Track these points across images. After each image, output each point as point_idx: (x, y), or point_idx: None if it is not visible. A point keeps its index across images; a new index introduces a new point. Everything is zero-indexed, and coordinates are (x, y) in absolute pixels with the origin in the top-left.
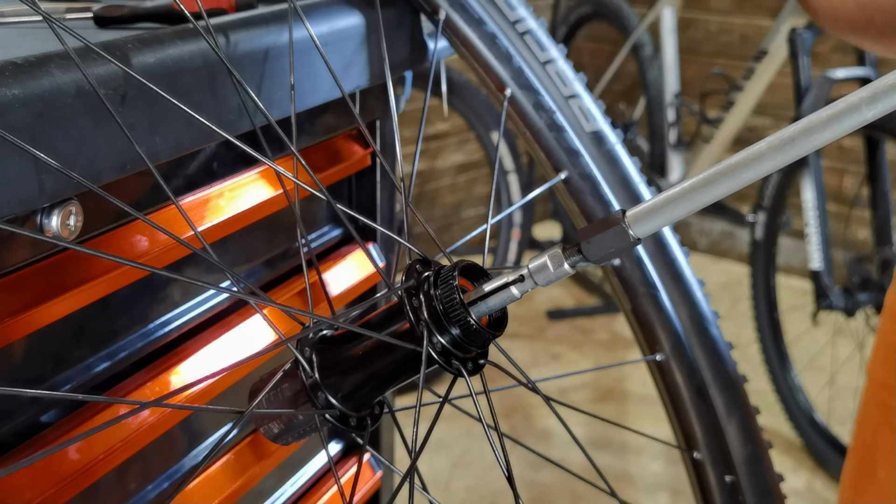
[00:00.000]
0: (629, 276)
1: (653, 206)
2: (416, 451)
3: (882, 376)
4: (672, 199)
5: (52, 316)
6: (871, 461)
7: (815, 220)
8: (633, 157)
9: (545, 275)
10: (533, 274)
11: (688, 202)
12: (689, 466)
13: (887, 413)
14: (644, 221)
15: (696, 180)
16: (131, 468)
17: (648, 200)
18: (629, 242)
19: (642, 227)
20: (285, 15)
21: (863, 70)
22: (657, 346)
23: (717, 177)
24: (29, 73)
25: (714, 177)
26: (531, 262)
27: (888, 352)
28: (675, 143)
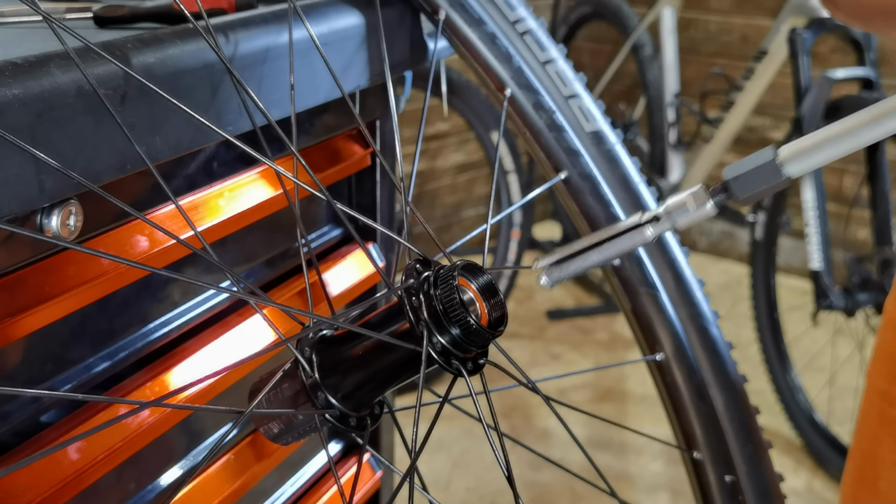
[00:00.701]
0: (629, 276)
1: (810, 144)
2: (416, 451)
3: (881, 386)
4: (831, 138)
5: (52, 316)
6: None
7: (815, 220)
8: (633, 157)
9: (685, 215)
10: (671, 213)
11: (848, 140)
12: (689, 466)
13: (887, 424)
14: (799, 159)
15: (857, 119)
16: (131, 468)
17: (805, 137)
18: (781, 181)
19: (796, 165)
20: (285, 15)
21: (863, 70)
22: (657, 346)
23: (881, 115)
24: (29, 73)
25: (878, 115)
26: (669, 199)
27: (888, 362)
28: (675, 143)
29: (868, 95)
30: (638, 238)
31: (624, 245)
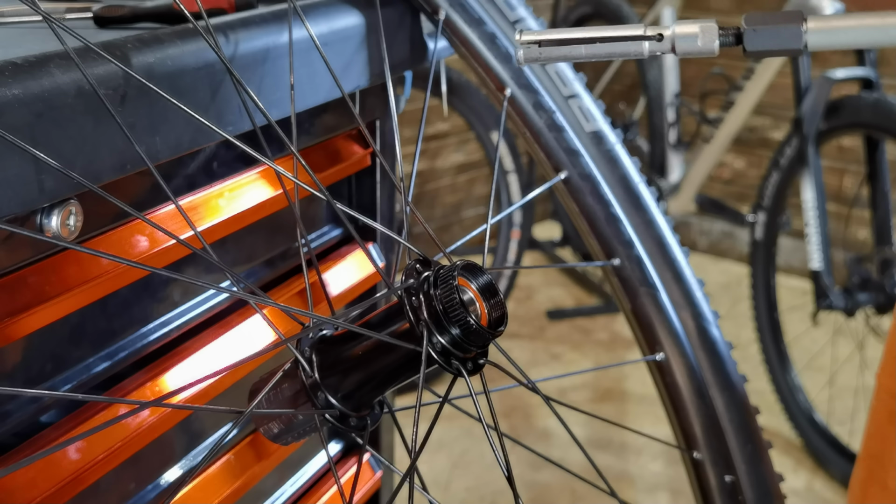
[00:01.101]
0: (629, 276)
1: (840, 22)
2: (416, 451)
3: (892, 387)
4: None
5: (52, 316)
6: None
7: (815, 220)
8: (633, 157)
9: (689, 44)
10: (675, 36)
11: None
12: (689, 466)
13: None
14: (824, 33)
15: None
16: (131, 468)
17: (835, 15)
18: (798, 47)
19: (819, 37)
20: (285, 15)
21: (863, 70)
22: (657, 346)
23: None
24: (29, 73)
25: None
26: (677, 24)
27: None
28: (675, 143)
29: (868, 95)
30: (633, 49)
31: (617, 50)
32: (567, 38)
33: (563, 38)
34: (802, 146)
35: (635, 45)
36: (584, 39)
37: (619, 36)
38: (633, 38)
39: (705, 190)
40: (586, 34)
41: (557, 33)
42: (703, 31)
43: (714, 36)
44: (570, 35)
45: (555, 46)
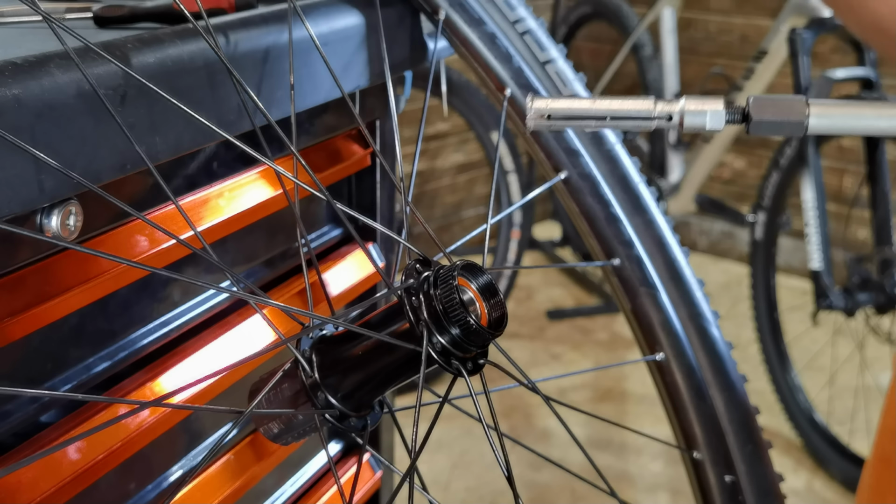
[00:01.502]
0: (629, 276)
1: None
2: (416, 451)
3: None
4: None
5: (52, 316)
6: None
7: (815, 220)
8: (633, 157)
9: (697, 124)
10: (685, 116)
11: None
12: (689, 466)
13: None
14: (824, 118)
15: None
16: (131, 468)
17: (836, 101)
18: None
19: (820, 121)
20: (285, 15)
21: (863, 70)
22: (657, 346)
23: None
24: (29, 73)
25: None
26: (686, 98)
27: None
28: (674, 143)
29: (868, 95)
30: (642, 125)
31: (626, 125)
32: (578, 112)
33: (575, 112)
34: (802, 146)
35: (644, 123)
36: (594, 115)
37: (630, 115)
38: (643, 118)
39: (705, 190)
40: (597, 108)
41: (568, 104)
42: (711, 114)
43: (721, 117)
44: (581, 108)
45: (564, 120)
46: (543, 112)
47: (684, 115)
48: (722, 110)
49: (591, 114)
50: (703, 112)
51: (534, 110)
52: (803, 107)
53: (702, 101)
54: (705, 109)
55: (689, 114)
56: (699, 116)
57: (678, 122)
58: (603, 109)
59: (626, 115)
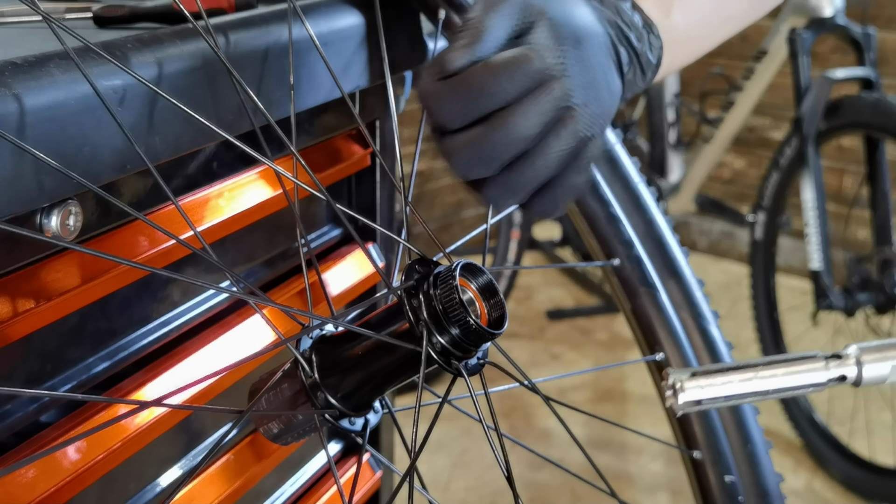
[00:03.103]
0: (629, 276)
1: None
2: (416, 451)
3: None
4: None
5: (52, 316)
6: None
7: (814, 220)
8: (633, 157)
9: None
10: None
11: None
12: (689, 466)
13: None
14: None
15: None
16: (131, 468)
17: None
18: None
19: None
20: (285, 15)
21: (863, 70)
22: (657, 345)
23: None
24: (29, 73)
25: None
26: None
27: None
28: (674, 143)
29: (868, 95)
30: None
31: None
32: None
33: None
34: (802, 146)
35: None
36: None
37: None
38: (813, 387)
39: (705, 190)
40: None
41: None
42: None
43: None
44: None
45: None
46: (697, 397)
47: (863, 374)
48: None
49: (753, 389)
50: (884, 363)
51: (686, 395)
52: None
53: (881, 351)
54: (887, 359)
55: (869, 368)
56: (880, 369)
57: (855, 380)
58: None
59: (794, 387)
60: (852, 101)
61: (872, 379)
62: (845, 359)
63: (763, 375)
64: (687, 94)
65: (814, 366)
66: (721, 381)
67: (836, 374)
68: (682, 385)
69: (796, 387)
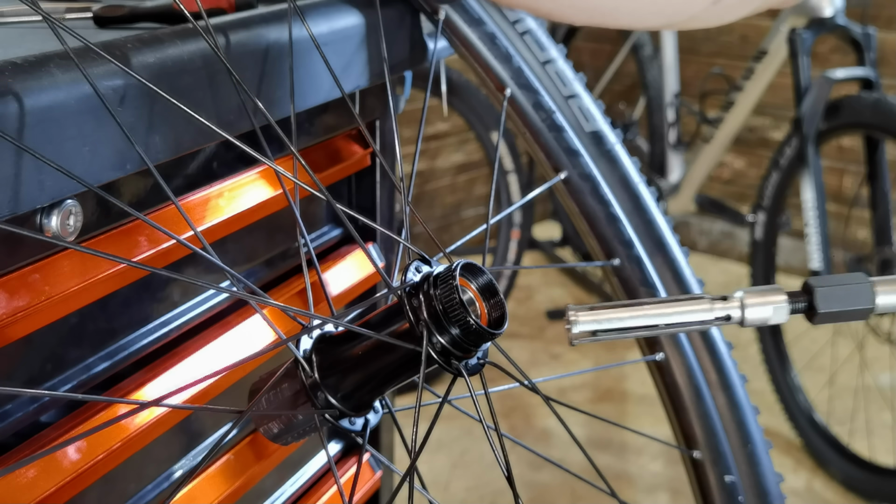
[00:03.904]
0: (629, 276)
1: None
2: (416, 451)
3: None
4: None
5: (52, 316)
6: None
7: (814, 220)
8: (633, 157)
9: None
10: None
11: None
12: (689, 466)
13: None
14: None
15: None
16: (131, 468)
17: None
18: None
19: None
20: (285, 15)
21: (863, 70)
22: (657, 346)
23: None
24: (29, 73)
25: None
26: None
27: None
28: (674, 143)
29: (868, 95)
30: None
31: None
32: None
33: (621, 326)
34: (802, 146)
35: (703, 325)
36: (646, 326)
37: (686, 322)
38: (699, 323)
39: (705, 190)
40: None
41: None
42: (775, 310)
43: (785, 310)
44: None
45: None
46: (589, 328)
47: (745, 313)
48: (785, 304)
49: (642, 323)
50: (765, 306)
51: (580, 326)
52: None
53: (762, 294)
54: (767, 303)
55: (751, 310)
56: (761, 311)
57: (739, 320)
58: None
59: (681, 323)
60: (852, 101)
61: (755, 320)
62: (730, 300)
63: (653, 312)
64: (687, 94)
65: (701, 306)
66: (615, 315)
67: (722, 314)
68: (578, 317)
69: (684, 323)
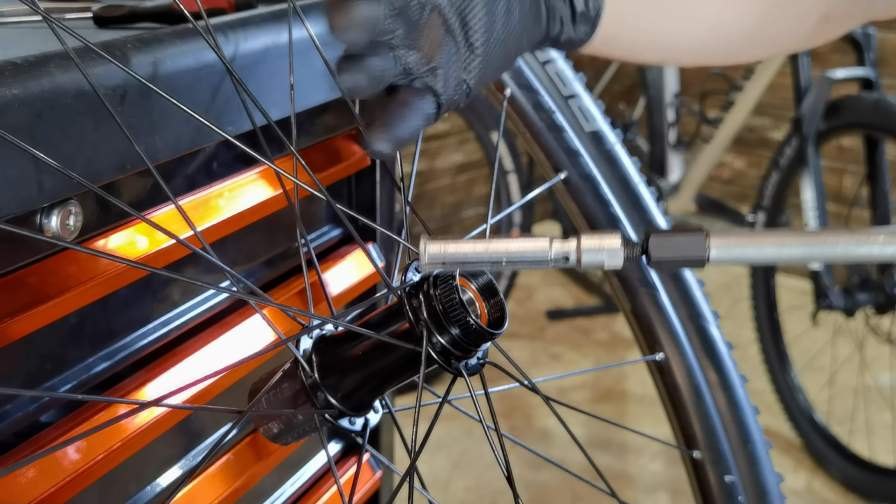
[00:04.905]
0: (629, 276)
1: (738, 239)
2: (416, 451)
3: None
4: (759, 241)
5: (52, 316)
6: None
7: (815, 220)
8: (633, 157)
9: (595, 261)
10: (583, 255)
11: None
12: (689, 466)
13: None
14: (724, 248)
15: (788, 234)
16: (131, 468)
17: (736, 232)
18: (701, 257)
19: (720, 252)
20: (285, 15)
21: (862, 70)
22: (657, 345)
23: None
24: (29, 73)
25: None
26: (583, 236)
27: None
28: (674, 143)
29: (868, 95)
30: (539, 266)
31: (522, 267)
32: (473, 256)
33: (469, 256)
34: (802, 146)
35: (541, 265)
36: (489, 259)
37: (526, 258)
38: (539, 261)
39: (705, 190)
40: (492, 252)
41: (463, 248)
42: (609, 253)
43: (620, 256)
44: (475, 252)
45: (460, 263)
46: (438, 258)
47: (582, 255)
48: (620, 249)
49: (486, 258)
50: (600, 251)
51: (428, 255)
52: (703, 242)
53: (599, 237)
54: (602, 248)
55: (587, 253)
56: (596, 255)
57: (575, 261)
58: (498, 252)
59: (521, 259)
60: (852, 101)
61: (591, 262)
62: (569, 241)
63: (497, 248)
64: (687, 94)
65: (542, 244)
66: (462, 248)
67: (560, 255)
68: (427, 246)
69: (525, 260)
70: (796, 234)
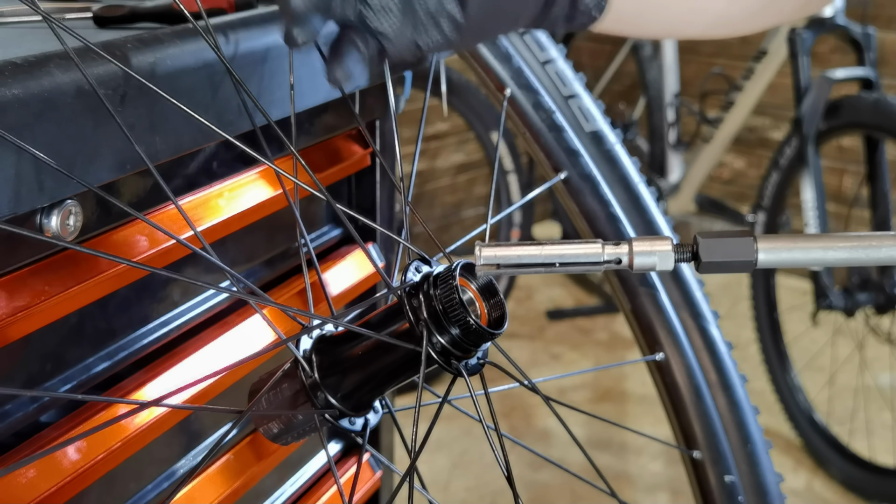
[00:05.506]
0: (629, 276)
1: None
2: (416, 451)
3: None
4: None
5: (52, 316)
6: None
7: (815, 220)
8: (633, 157)
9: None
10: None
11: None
12: (689, 466)
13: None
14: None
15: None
16: (131, 468)
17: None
18: (749, 260)
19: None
20: None
21: (862, 70)
22: (657, 345)
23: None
24: (29, 73)
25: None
26: (636, 242)
27: None
28: (674, 143)
29: (868, 95)
30: (591, 269)
31: (575, 270)
32: (527, 259)
33: (524, 259)
34: (802, 146)
35: (594, 267)
36: (543, 262)
37: (579, 260)
38: (592, 263)
39: (705, 190)
40: (546, 255)
41: (517, 252)
42: (660, 256)
43: (670, 258)
44: (529, 255)
45: (514, 268)
46: (493, 261)
47: (634, 258)
48: (671, 251)
49: (540, 260)
50: (652, 253)
51: (483, 258)
52: (751, 245)
53: (651, 241)
54: (654, 251)
55: (639, 256)
56: (648, 258)
57: (628, 264)
58: (552, 255)
59: (575, 261)
60: (852, 101)
61: (643, 265)
62: (621, 245)
63: (550, 252)
64: (687, 94)
65: (594, 248)
66: (516, 251)
67: (613, 257)
68: (482, 251)
69: (578, 262)
70: (842, 238)
